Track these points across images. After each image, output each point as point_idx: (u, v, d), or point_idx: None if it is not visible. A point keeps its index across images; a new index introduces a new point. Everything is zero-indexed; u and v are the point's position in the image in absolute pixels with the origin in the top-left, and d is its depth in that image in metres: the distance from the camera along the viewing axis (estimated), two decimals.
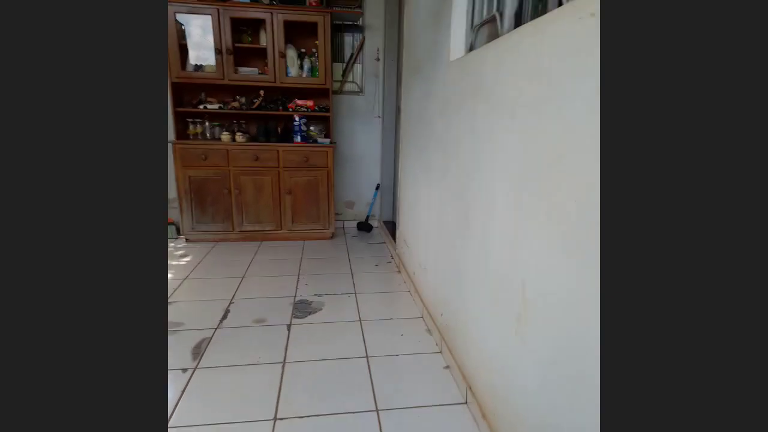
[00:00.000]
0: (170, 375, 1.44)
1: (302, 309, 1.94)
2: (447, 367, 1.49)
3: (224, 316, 1.85)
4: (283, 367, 1.49)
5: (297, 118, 2.79)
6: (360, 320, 1.83)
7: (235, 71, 2.72)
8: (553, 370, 0.81)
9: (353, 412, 1.26)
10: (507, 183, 1.00)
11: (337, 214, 3.22)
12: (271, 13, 2.65)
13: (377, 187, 3.30)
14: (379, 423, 1.22)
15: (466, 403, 1.29)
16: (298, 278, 2.29)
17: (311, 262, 2.56)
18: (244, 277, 2.30)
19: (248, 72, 2.78)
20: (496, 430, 1.08)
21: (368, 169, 3.29)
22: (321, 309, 1.94)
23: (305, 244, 2.90)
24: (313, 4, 2.74)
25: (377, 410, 1.27)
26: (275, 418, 1.24)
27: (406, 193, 2.23)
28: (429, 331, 1.73)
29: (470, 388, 1.27)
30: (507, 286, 1.01)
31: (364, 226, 3.24)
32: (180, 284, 2.18)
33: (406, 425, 1.21)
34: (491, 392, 1.12)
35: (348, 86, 3.16)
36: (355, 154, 3.26)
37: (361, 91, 3.18)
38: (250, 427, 1.21)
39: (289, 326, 1.78)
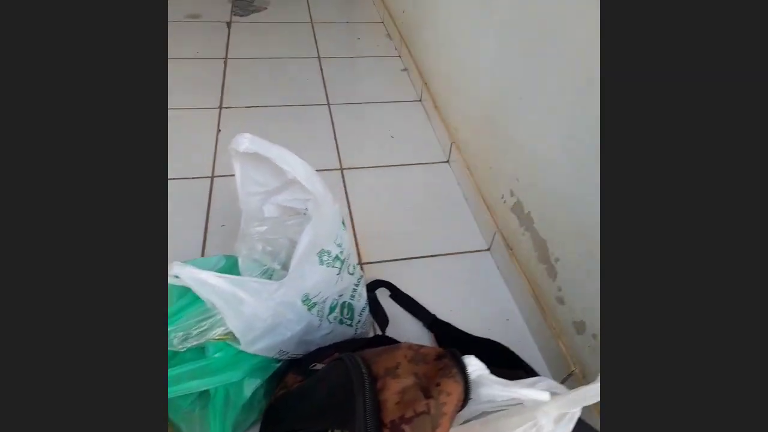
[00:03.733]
0: None
1: (243, 7, 1.67)
2: (405, 69, 1.41)
3: None
4: (225, 62, 1.36)
5: None
6: (312, 22, 1.62)
7: None
8: (509, 40, 0.73)
9: (302, 105, 1.23)
10: None
11: None
12: None
13: None
14: (330, 114, 1.21)
15: (420, 100, 1.28)
16: None
17: None
18: None
19: None
20: (445, 116, 1.09)
21: None
22: (265, 8, 1.68)
23: None
24: None
25: (329, 104, 1.24)
26: (221, 107, 1.19)
27: None
28: (389, 35, 1.58)
29: (426, 84, 1.22)
30: None
31: None
32: None
33: (360, 114, 1.21)
34: (446, 84, 1.08)
35: None
36: None
37: None
38: (195, 113, 1.16)
39: (228, 24, 1.56)
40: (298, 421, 0.40)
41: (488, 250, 0.88)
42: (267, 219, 0.56)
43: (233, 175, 0.58)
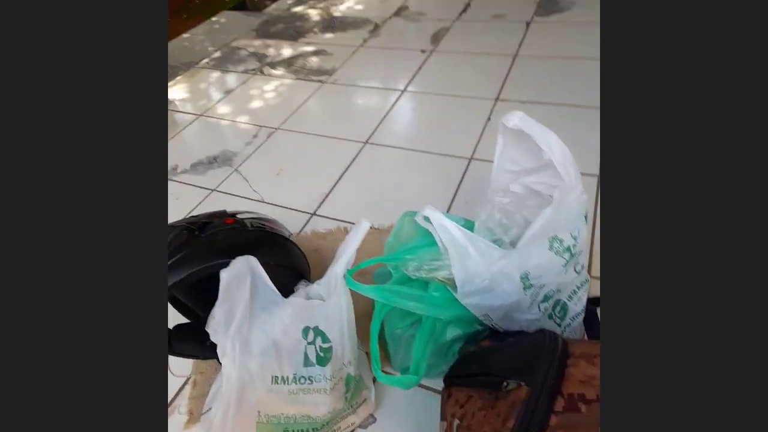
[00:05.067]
0: (409, 53, 1.56)
1: (547, 7, 1.69)
2: None
3: (464, 10, 1.79)
4: (513, 59, 1.43)
5: None
6: None
7: None
8: None
9: (578, 106, 1.18)
10: None
11: None
12: None
13: None
14: None
15: None
16: None
17: None
18: None
19: None
20: None
21: None
22: (570, 9, 1.66)
23: None
24: None
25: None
26: (497, 99, 1.27)
27: None
28: None
29: None
30: None
31: None
32: None
33: None
34: None
35: None
36: None
37: None
38: (473, 102, 1.28)
39: (528, 23, 1.61)
40: (481, 368, 0.43)
41: None
42: (511, 192, 0.59)
43: (490, 161, 0.63)
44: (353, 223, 0.96)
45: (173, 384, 0.73)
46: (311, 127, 1.28)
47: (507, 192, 0.58)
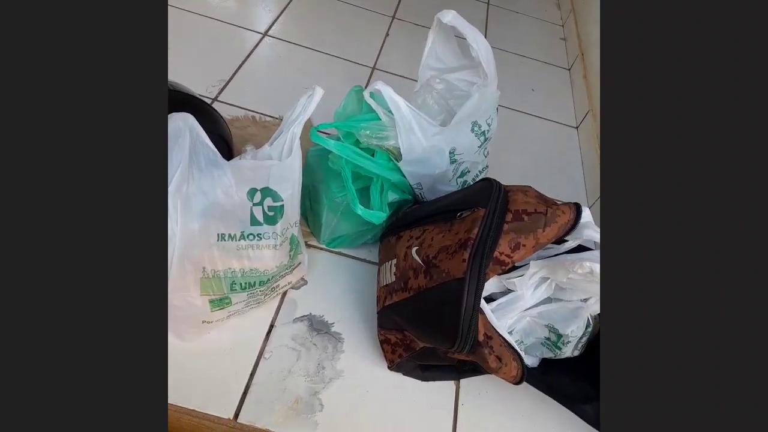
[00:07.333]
0: None
1: None
2: (563, 39, 1.45)
3: None
4: None
5: None
6: None
7: None
8: None
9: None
10: None
11: None
12: None
13: None
14: None
15: (569, 69, 1.32)
16: None
17: None
18: None
19: None
20: (593, 85, 1.15)
21: None
22: None
23: None
24: None
25: None
26: (393, 17, 1.33)
27: None
28: (558, 5, 1.61)
29: (582, 54, 1.27)
30: None
31: None
32: None
33: (508, 62, 1.29)
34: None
35: None
36: None
37: None
38: (372, 15, 1.31)
39: None
40: (433, 211, 0.54)
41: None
42: (445, 81, 0.68)
43: (390, 73, 0.69)
44: (261, 113, 0.94)
45: None
46: (194, 6, 1.14)
47: (443, 81, 0.67)
